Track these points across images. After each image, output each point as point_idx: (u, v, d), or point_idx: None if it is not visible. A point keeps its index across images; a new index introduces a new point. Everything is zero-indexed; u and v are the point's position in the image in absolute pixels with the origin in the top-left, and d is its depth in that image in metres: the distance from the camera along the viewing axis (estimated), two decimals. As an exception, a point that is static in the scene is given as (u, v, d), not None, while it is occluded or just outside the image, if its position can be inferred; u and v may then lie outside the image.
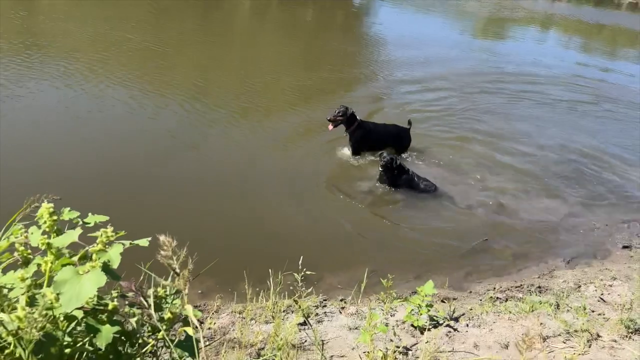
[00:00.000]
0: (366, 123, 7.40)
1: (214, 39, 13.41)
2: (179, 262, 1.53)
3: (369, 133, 7.33)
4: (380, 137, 7.44)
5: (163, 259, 1.52)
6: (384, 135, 7.49)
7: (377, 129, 7.48)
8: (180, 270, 1.54)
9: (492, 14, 22.16)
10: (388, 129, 7.58)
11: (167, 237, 1.51)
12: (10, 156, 6.26)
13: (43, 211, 1.79)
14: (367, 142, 7.34)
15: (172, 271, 1.54)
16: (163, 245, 1.51)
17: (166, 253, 1.51)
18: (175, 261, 1.52)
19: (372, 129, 7.40)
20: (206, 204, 5.87)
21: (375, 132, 7.42)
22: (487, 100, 10.52)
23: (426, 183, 6.62)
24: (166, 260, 1.52)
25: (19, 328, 1.37)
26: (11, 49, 10.04)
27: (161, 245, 1.52)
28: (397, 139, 7.58)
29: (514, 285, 4.92)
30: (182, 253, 1.54)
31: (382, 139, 7.46)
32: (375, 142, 7.38)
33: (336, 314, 3.94)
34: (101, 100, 8.27)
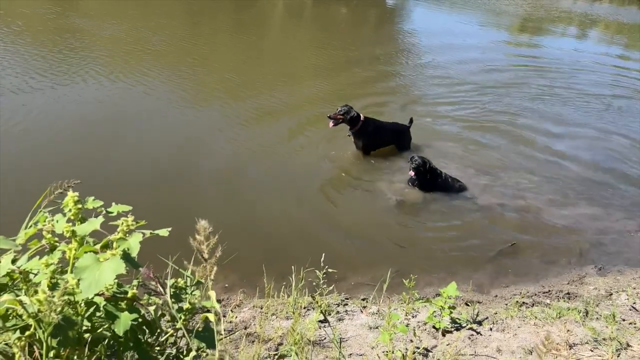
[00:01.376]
0: (371, 121, 7.27)
1: (247, 38, 13.54)
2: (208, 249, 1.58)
3: (376, 131, 7.24)
4: (384, 135, 7.39)
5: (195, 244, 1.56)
6: (387, 133, 7.43)
7: (382, 127, 7.39)
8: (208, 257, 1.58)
9: (528, 14, 21.70)
10: (391, 127, 7.52)
11: (205, 222, 1.56)
12: (42, 146, 6.50)
13: (68, 200, 1.84)
14: (375, 141, 7.29)
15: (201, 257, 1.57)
16: (199, 230, 1.56)
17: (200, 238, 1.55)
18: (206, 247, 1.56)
19: (379, 127, 7.30)
20: (231, 199, 5.93)
21: (382, 129, 7.34)
22: (518, 100, 10.30)
23: (460, 184, 6.55)
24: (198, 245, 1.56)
25: (39, 310, 1.41)
26: (49, 44, 10.39)
27: (197, 230, 1.56)
28: (400, 136, 7.53)
29: (542, 291, 4.81)
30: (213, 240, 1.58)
31: (386, 137, 7.42)
32: (381, 140, 7.35)
33: (357, 313, 3.92)
34: (131, 94, 8.47)
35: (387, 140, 7.47)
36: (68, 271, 1.72)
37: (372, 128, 7.18)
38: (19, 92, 8.12)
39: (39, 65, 9.27)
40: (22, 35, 11.05)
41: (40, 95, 8.07)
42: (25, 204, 2.09)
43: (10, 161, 6.10)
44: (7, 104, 7.60)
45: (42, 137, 6.85)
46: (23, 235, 1.85)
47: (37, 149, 6.53)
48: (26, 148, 6.51)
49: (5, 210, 4.71)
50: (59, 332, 1.43)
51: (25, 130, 6.97)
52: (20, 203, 2.35)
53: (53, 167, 6.08)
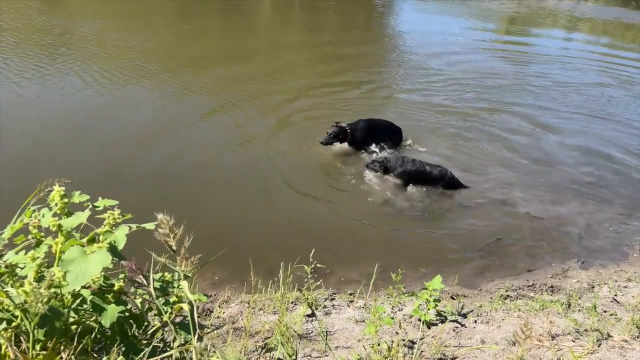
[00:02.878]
0: (356, 125, 7.40)
1: (235, 36, 13.52)
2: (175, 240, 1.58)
3: (365, 133, 7.39)
4: (376, 133, 7.53)
5: (160, 237, 1.57)
6: (381, 132, 7.58)
7: (370, 125, 7.50)
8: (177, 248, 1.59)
9: (515, 14, 21.88)
10: (384, 125, 7.67)
11: (164, 215, 1.56)
12: (31, 145, 6.47)
13: (55, 194, 1.85)
14: (365, 142, 7.45)
15: (169, 248, 1.58)
16: (160, 223, 1.56)
17: (163, 231, 1.55)
18: (172, 239, 1.57)
19: (365, 128, 7.41)
20: (218, 195, 5.95)
21: (372, 128, 7.48)
22: (506, 98, 10.41)
23: (440, 169, 6.62)
24: (163, 238, 1.56)
25: (25, 302, 1.43)
26: (41, 47, 10.30)
27: (158, 223, 1.57)
28: (391, 133, 7.66)
29: (526, 285, 4.89)
30: (178, 232, 1.58)
31: (377, 134, 7.54)
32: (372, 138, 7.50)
33: (344, 307, 3.97)
34: (117, 93, 8.45)
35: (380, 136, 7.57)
36: (55, 264, 1.74)
37: (359, 132, 7.34)
38: (8, 91, 8.07)
39: (27, 64, 9.20)
40: (7, 34, 10.95)
41: (27, 94, 8.02)
42: (15, 201, 2.10)
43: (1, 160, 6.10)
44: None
45: (32, 136, 6.82)
46: (9, 230, 1.86)
47: (27, 148, 6.50)
48: (16, 146, 6.48)
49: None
50: (45, 323, 1.45)
51: (15, 129, 6.93)
52: (10, 201, 2.36)
53: (42, 165, 6.07)
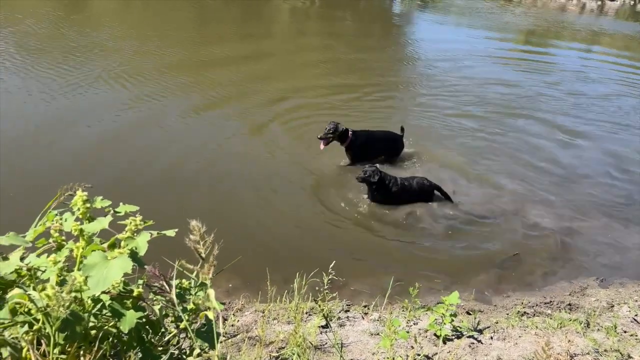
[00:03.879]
0: (360, 133, 7.25)
1: (253, 46, 13.64)
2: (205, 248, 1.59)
3: (365, 143, 7.23)
4: (375, 145, 7.36)
5: (191, 243, 1.57)
6: (379, 143, 7.40)
7: (372, 137, 7.35)
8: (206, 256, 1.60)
9: (533, 27, 21.78)
10: (382, 136, 7.48)
11: (197, 222, 1.57)
12: (54, 150, 6.57)
13: (77, 199, 1.87)
14: (365, 153, 7.26)
15: (198, 255, 1.59)
16: (193, 230, 1.57)
17: (195, 238, 1.56)
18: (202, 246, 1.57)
19: (368, 138, 7.27)
20: (237, 204, 5.96)
21: (371, 140, 7.30)
22: (523, 110, 10.32)
23: (418, 180, 6.41)
24: (194, 245, 1.57)
25: (47, 305, 1.43)
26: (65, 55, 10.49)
27: (191, 230, 1.57)
28: (392, 145, 7.50)
29: (543, 302, 4.81)
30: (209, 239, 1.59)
31: (377, 147, 7.39)
32: (372, 150, 7.32)
33: (359, 319, 3.93)
34: (140, 99, 8.55)
35: (380, 149, 7.45)
36: (75, 269, 1.75)
37: (361, 142, 7.16)
38: (28, 97, 8.21)
39: (49, 71, 9.37)
40: (29, 38, 11.17)
41: (50, 100, 8.15)
42: (37, 204, 2.12)
43: (24, 164, 6.21)
44: (15, 108, 7.70)
45: (54, 141, 6.93)
46: (32, 233, 1.88)
47: (49, 152, 6.61)
48: (38, 151, 6.59)
49: (18, 212, 4.77)
50: (66, 327, 1.45)
51: (39, 134, 7.06)
52: (32, 204, 2.39)
53: (64, 169, 6.18)
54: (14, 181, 5.88)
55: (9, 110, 7.62)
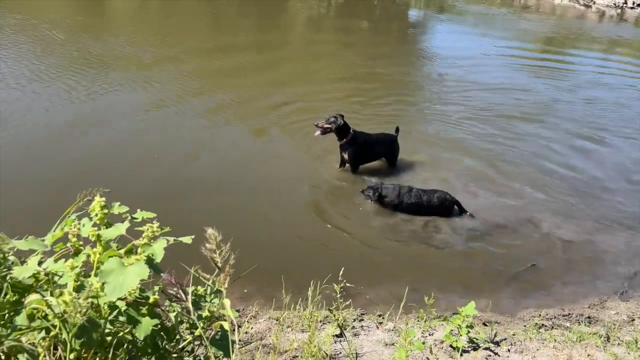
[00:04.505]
0: (360, 134, 7.04)
1: (269, 50, 13.69)
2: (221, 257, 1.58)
3: (365, 144, 7.04)
4: (374, 147, 7.19)
5: (207, 252, 1.56)
6: (378, 146, 7.23)
7: (371, 139, 7.16)
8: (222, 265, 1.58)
9: (552, 35, 21.57)
10: (380, 138, 7.29)
11: (213, 231, 1.56)
12: (68, 155, 6.66)
13: (95, 205, 1.87)
14: (364, 155, 7.10)
15: (214, 265, 1.58)
16: (209, 238, 1.56)
17: (211, 246, 1.55)
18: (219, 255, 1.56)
19: (367, 140, 7.09)
20: (250, 210, 5.97)
21: (370, 142, 7.12)
22: (542, 118, 10.14)
23: (438, 194, 6.30)
24: (210, 254, 1.56)
25: (64, 312, 1.43)
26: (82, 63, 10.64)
27: (207, 238, 1.56)
28: (390, 147, 7.32)
29: (562, 314, 4.72)
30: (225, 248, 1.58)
31: (377, 150, 7.24)
32: (371, 153, 7.17)
33: (373, 329, 3.89)
34: (157, 106, 8.63)
35: (377, 153, 7.30)
36: (92, 274, 1.75)
37: (361, 141, 6.96)
38: (49, 103, 8.34)
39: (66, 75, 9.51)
40: (50, 44, 11.35)
41: (67, 105, 8.27)
42: (56, 209, 2.14)
43: (43, 168, 6.30)
44: (34, 113, 7.82)
45: (73, 147, 7.03)
46: (50, 238, 1.89)
47: (69, 157, 6.71)
48: (54, 155, 6.68)
49: (37, 216, 4.82)
50: (83, 334, 1.45)
51: (59, 139, 7.17)
52: (51, 208, 2.41)
53: (80, 174, 6.23)
54: (35, 184, 5.96)
55: (32, 116, 7.74)
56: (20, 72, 9.40)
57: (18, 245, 1.71)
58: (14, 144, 6.87)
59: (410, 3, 24.73)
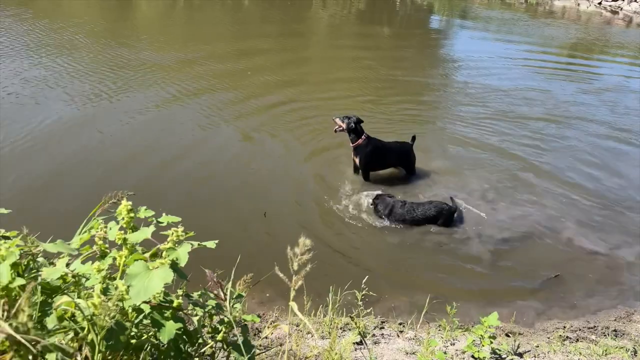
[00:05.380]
0: (374, 140, 6.89)
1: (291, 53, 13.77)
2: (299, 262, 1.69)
3: (376, 151, 6.87)
4: (386, 155, 7.03)
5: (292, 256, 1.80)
6: (390, 154, 7.05)
7: (384, 147, 7.00)
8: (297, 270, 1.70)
9: (577, 41, 21.24)
10: (394, 147, 7.11)
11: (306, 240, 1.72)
12: (97, 159, 6.78)
13: (122, 208, 1.90)
14: (377, 161, 6.97)
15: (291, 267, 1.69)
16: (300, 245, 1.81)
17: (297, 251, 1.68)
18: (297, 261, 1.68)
19: (379, 146, 6.92)
20: (272, 214, 5.98)
21: (383, 149, 6.96)
22: (566, 128, 9.97)
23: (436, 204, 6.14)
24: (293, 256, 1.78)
25: (93, 314, 1.45)
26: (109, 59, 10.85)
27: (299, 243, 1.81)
28: (404, 157, 7.14)
29: (587, 326, 4.62)
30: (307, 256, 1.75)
31: (389, 158, 7.08)
32: (382, 160, 7.03)
33: (394, 337, 3.86)
34: (184, 112, 8.75)
35: (390, 161, 7.14)
36: (117, 277, 1.78)
37: (372, 148, 6.82)
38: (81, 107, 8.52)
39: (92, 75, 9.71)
40: (79, 48, 11.61)
41: (100, 110, 8.44)
42: (80, 211, 2.17)
43: (68, 171, 6.43)
44: (66, 116, 8.00)
45: (95, 151, 7.16)
46: (78, 241, 1.92)
47: (93, 161, 6.84)
48: (81, 159, 6.83)
49: (61, 218, 4.93)
50: (111, 336, 1.47)
51: (78, 143, 7.31)
52: (76, 210, 2.45)
53: (106, 178, 6.35)
54: (63, 187, 6.10)
55: (67, 121, 7.92)
56: (45, 75, 9.64)
57: (47, 248, 1.74)
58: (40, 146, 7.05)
59: (433, 9, 24.62)
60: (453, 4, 25.47)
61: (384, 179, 7.14)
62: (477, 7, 25.46)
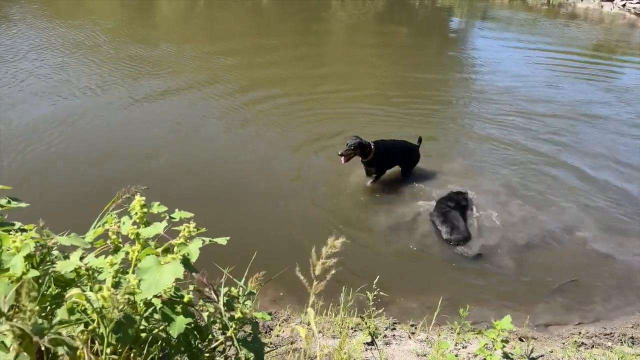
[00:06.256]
0: (380, 143, 6.90)
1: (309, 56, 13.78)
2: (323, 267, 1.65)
3: (389, 150, 6.95)
4: (395, 154, 7.08)
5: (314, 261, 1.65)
6: (396, 152, 7.10)
7: (391, 146, 7.05)
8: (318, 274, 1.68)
9: (600, 43, 20.89)
10: (399, 145, 7.17)
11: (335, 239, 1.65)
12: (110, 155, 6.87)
13: (135, 203, 1.92)
14: (389, 161, 7.03)
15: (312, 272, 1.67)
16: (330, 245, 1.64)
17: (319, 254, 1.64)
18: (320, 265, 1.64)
19: (388, 146, 6.98)
20: (286, 215, 6.00)
21: (391, 148, 7.01)
22: (586, 131, 9.79)
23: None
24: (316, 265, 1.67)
25: (102, 307, 1.47)
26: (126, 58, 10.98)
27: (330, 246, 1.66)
28: (407, 156, 7.20)
29: (603, 333, 4.54)
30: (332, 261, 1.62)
31: (394, 157, 7.11)
32: (392, 159, 7.09)
33: (405, 339, 3.85)
34: (196, 110, 8.82)
35: (396, 160, 7.19)
36: (130, 271, 1.80)
37: (383, 150, 6.85)
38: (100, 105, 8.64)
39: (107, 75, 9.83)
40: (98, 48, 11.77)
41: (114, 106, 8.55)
42: (93, 206, 2.20)
43: (85, 168, 6.53)
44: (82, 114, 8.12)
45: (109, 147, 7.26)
46: (92, 234, 1.95)
47: (106, 157, 6.93)
48: (96, 155, 6.93)
49: (75, 213, 5.00)
50: (120, 329, 1.48)
51: (93, 142, 7.42)
52: (89, 205, 2.48)
53: (120, 174, 6.43)
54: (80, 182, 6.19)
55: (89, 118, 8.04)
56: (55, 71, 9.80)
57: (61, 241, 1.77)
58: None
59: (453, 11, 24.43)
60: (473, 6, 25.22)
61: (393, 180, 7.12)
62: (498, 9, 25.19)
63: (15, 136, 7.15)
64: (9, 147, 6.81)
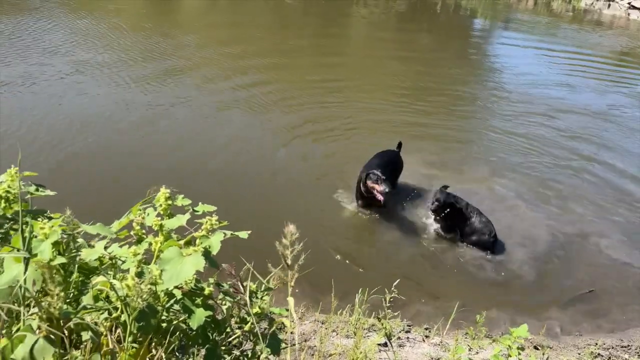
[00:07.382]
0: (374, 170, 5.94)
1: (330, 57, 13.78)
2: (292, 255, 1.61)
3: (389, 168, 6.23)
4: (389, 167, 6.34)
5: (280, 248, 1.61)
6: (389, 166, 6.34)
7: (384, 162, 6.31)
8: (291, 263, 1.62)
9: (625, 49, 20.53)
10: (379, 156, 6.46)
11: (292, 228, 1.60)
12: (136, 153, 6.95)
13: (160, 195, 1.95)
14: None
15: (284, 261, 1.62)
16: (287, 234, 1.60)
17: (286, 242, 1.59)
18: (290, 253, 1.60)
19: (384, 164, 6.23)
20: (307, 212, 6.01)
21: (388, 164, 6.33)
22: (608, 141, 9.62)
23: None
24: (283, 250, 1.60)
25: (126, 296, 1.50)
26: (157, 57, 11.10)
27: (285, 233, 1.60)
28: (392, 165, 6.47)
29: (620, 345, 4.47)
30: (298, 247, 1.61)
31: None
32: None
33: (419, 342, 3.83)
34: (222, 105, 8.87)
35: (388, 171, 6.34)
36: (152, 262, 1.82)
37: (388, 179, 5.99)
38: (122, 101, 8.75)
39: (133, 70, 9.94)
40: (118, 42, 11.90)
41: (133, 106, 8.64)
42: (122, 202, 2.24)
43: (112, 165, 6.63)
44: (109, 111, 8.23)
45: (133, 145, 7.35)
46: (117, 225, 1.98)
47: (132, 153, 7.02)
48: (126, 153, 7.01)
49: (104, 211, 5.06)
50: (142, 318, 1.51)
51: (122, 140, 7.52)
52: (118, 199, 2.52)
53: (146, 172, 6.49)
54: (106, 175, 6.28)
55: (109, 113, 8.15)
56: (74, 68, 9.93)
57: (87, 230, 1.80)
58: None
59: (475, 14, 24.22)
60: (497, 11, 24.97)
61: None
62: (522, 14, 24.90)
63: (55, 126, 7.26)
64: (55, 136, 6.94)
